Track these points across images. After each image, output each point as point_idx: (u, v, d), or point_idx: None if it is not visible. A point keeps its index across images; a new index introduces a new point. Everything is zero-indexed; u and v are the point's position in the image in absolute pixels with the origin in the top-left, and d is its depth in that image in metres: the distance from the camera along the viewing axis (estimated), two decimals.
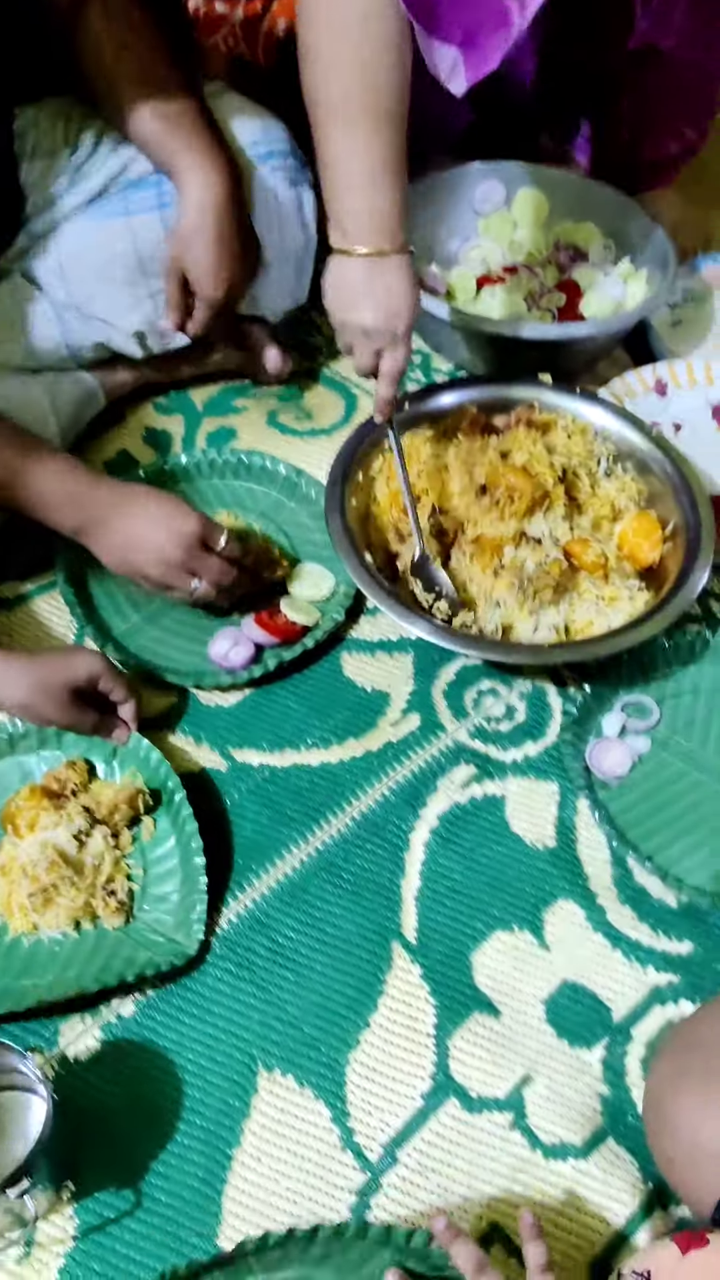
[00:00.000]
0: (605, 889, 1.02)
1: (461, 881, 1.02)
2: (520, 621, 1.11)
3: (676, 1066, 0.83)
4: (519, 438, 1.19)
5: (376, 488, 1.20)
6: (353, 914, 1.00)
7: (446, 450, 1.19)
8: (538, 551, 1.11)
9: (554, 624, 1.11)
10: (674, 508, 1.18)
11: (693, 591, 1.10)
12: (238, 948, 0.98)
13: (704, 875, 1.02)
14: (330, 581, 1.20)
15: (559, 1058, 0.93)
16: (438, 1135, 0.90)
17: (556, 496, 1.14)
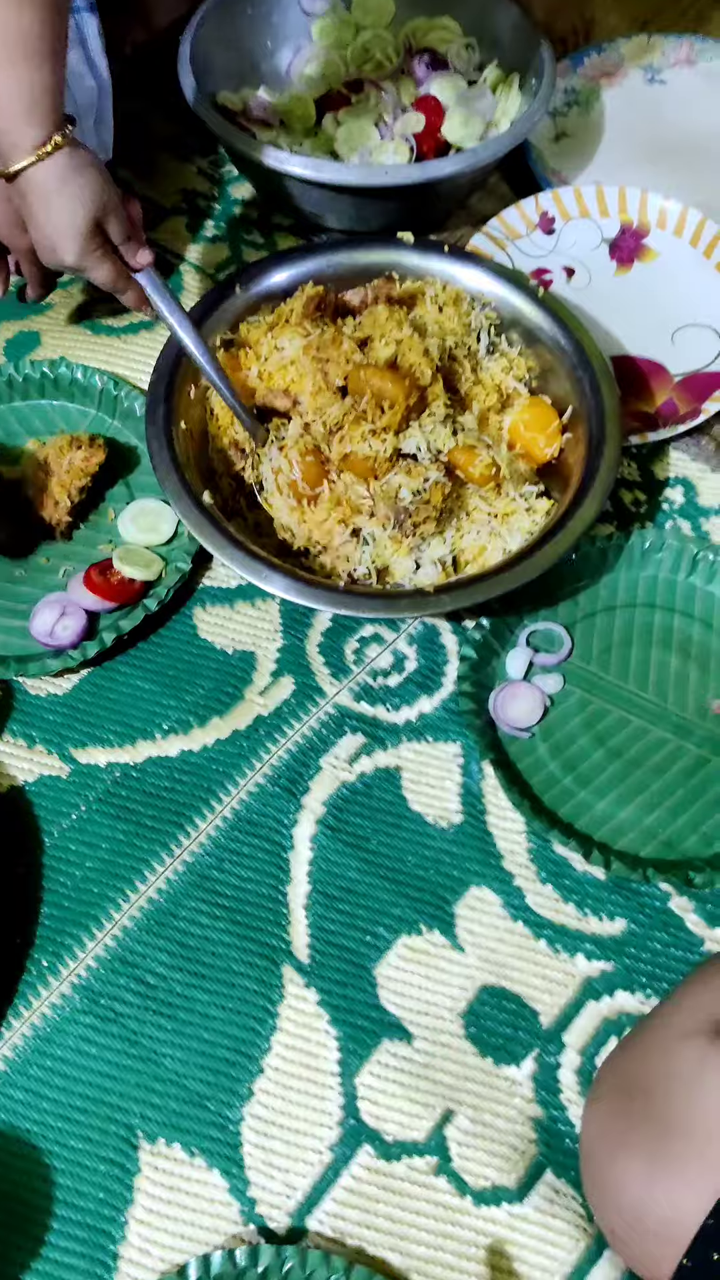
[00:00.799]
0: (522, 867, 0.88)
1: (357, 880, 0.87)
2: (398, 560, 0.92)
3: (615, 1121, 0.70)
4: (379, 320, 0.96)
5: (212, 399, 0.98)
6: (233, 937, 0.85)
7: (291, 342, 0.97)
8: (415, 473, 0.91)
9: (439, 557, 0.92)
10: (570, 386, 0.98)
11: (600, 496, 0.92)
12: (101, 996, 0.83)
13: (635, 835, 0.88)
14: (170, 521, 1.00)
15: (483, 1082, 0.81)
16: (352, 1193, 0.78)
17: (435, 394, 0.93)
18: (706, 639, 0.96)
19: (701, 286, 1.11)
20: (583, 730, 0.93)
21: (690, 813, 0.89)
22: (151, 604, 0.95)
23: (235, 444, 0.97)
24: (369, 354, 0.94)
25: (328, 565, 0.93)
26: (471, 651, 0.94)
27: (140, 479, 1.04)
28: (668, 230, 1.13)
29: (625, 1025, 0.82)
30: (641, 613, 0.98)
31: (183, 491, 0.91)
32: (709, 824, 0.89)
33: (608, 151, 1.23)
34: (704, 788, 0.90)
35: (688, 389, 1.06)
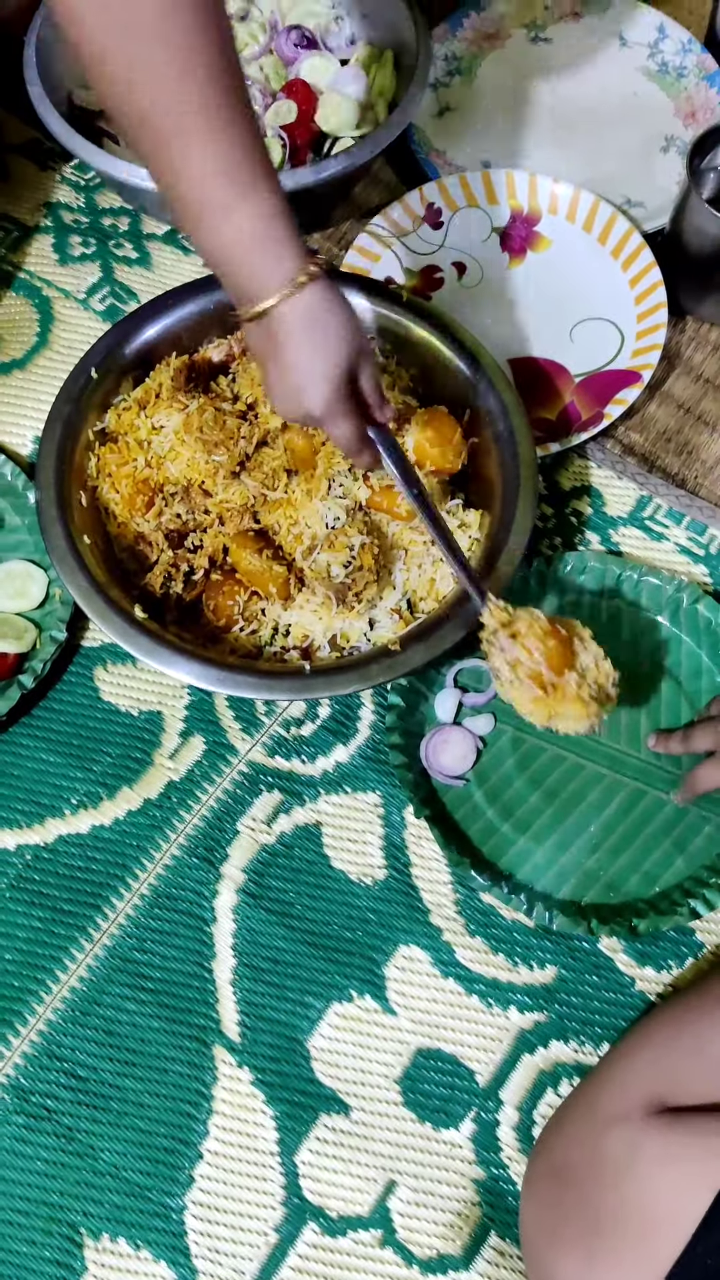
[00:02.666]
0: (450, 920, 0.86)
1: (283, 949, 0.85)
2: (350, 623, 0.86)
3: (550, 1211, 0.70)
4: (256, 379, 0.89)
5: (108, 465, 0.90)
6: (161, 1020, 0.82)
7: (169, 419, 0.90)
8: (338, 546, 0.85)
9: (393, 606, 0.87)
10: (458, 385, 0.92)
11: (529, 500, 0.86)
12: (32, 1094, 0.80)
13: (576, 880, 0.86)
14: (40, 583, 0.93)
15: (423, 1149, 0.80)
16: (299, 1272, 0.77)
17: (330, 452, 0.87)
18: (634, 663, 0.93)
19: (597, 275, 1.05)
20: (517, 772, 0.90)
21: (630, 852, 0.87)
22: (28, 680, 0.89)
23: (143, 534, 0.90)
24: (258, 424, 0.88)
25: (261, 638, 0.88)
26: (399, 699, 0.90)
27: (6, 539, 0.96)
28: (560, 215, 1.06)
29: (561, 1076, 0.82)
30: None
31: (89, 586, 0.84)
32: (649, 862, 0.87)
33: (494, 124, 1.15)
34: (642, 824, 0.88)
35: (589, 390, 1.01)
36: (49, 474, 0.87)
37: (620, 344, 1.02)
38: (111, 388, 0.92)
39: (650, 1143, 0.67)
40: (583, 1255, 0.66)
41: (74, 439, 0.89)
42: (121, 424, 0.91)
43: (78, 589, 0.83)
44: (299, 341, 0.73)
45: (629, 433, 1.02)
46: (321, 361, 0.74)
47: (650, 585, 0.94)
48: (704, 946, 0.85)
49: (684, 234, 1.02)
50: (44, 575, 0.94)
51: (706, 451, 1.01)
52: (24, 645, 0.90)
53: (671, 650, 0.94)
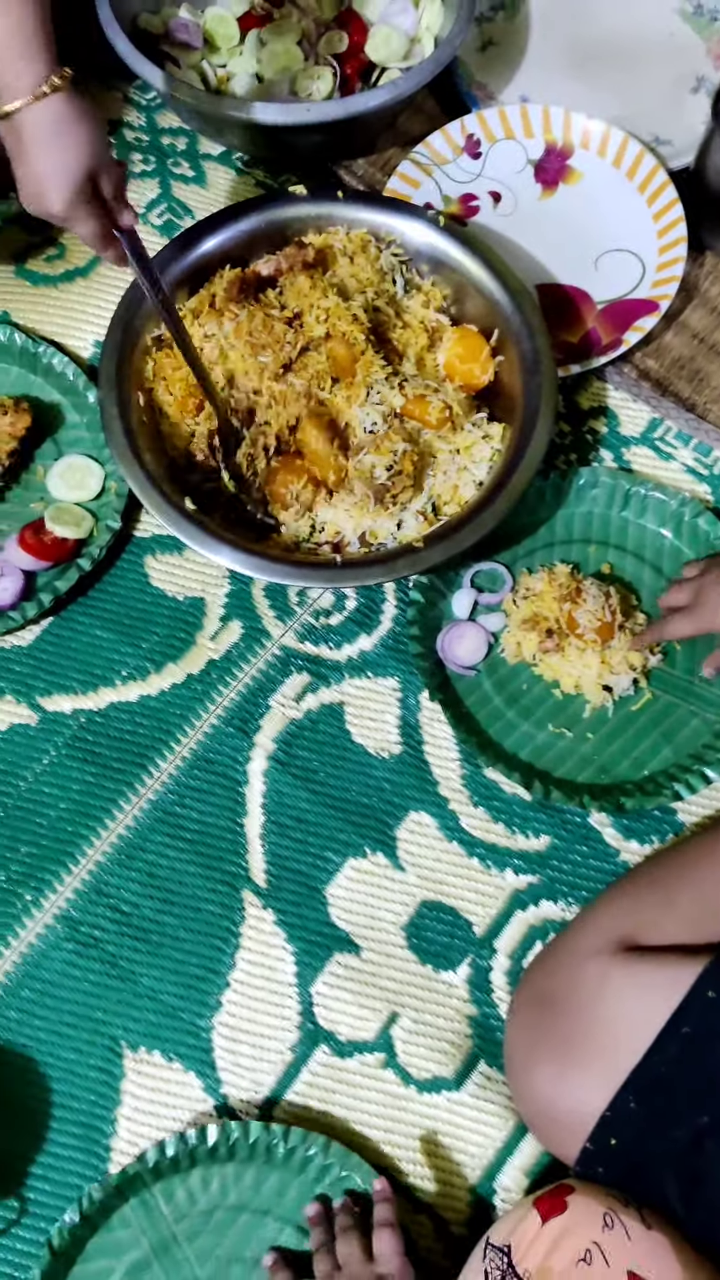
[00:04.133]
0: (456, 792, 0.95)
1: (307, 810, 0.94)
2: (381, 521, 0.94)
3: (530, 1029, 0.79)
4: (301, 290, 0.96)
5: (163, 369, 0.98)
6: (197, 866, 0.92)
7: (220, 328, 0.97)
8: (383, 449, 0.92)
9: (420, 509, 0.95)
10: (488, 308, 0.99)
11: (549, 417, 0.93)
12: (81, 925, 0.90)
13: (573, 762, 0.94)
14: (98, 476, 1.01)
15: (424, 986, 0.89)
16: (311, 1086, 0.87)
17: (369, 362, 0.95)
18: (639, 571, 1.00)
19: (624, 210, 1.10)
20: (523, 665, 0.98)
21: (622, 739, 0.95)
22: (85, 563, 0.97)
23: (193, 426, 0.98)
24: (303, 332, 0.95)
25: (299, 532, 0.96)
26: (419, 595, 0.97)
27: (67, 435, 1.04)
28: (591, 150, 1.12)
29: (549, 931, 0.91)
30: (578, 549, 1.01)
31: (136, 465, 0.92)
32: (639, 750, 0.95)
33: (535, 60, 1.19)
34: (635, 716, 0.96)
35: (610, 317, 1.07)
36: (110, 375, 0.94)
37: (641, 274, 1.08)
38: (169, 297, 0.99)
39: (619, 971, 0.76)
40: (556, 1065, 0.76)
41: (133, 344, 0.96)
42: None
43: (135, 481, 0.91)
44: (41, 146, 0.80)
45: (645, 359, 1.08)
46: (62, 166, 0.81)
47: (656, 500, 1.00)
48: (684, 825, 0.93)
49: (708, 172, 1.07)
50: (100, 469, 1.02)
51: (718, 379, 1.07)
52: (82, 532, 0.98)
53: (672, 560, 1.01)
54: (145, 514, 1.02)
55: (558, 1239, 0.69)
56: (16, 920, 0.90)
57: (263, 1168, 0.83)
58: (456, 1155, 0.85)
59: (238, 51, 1.14)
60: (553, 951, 0.83)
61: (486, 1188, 0.84)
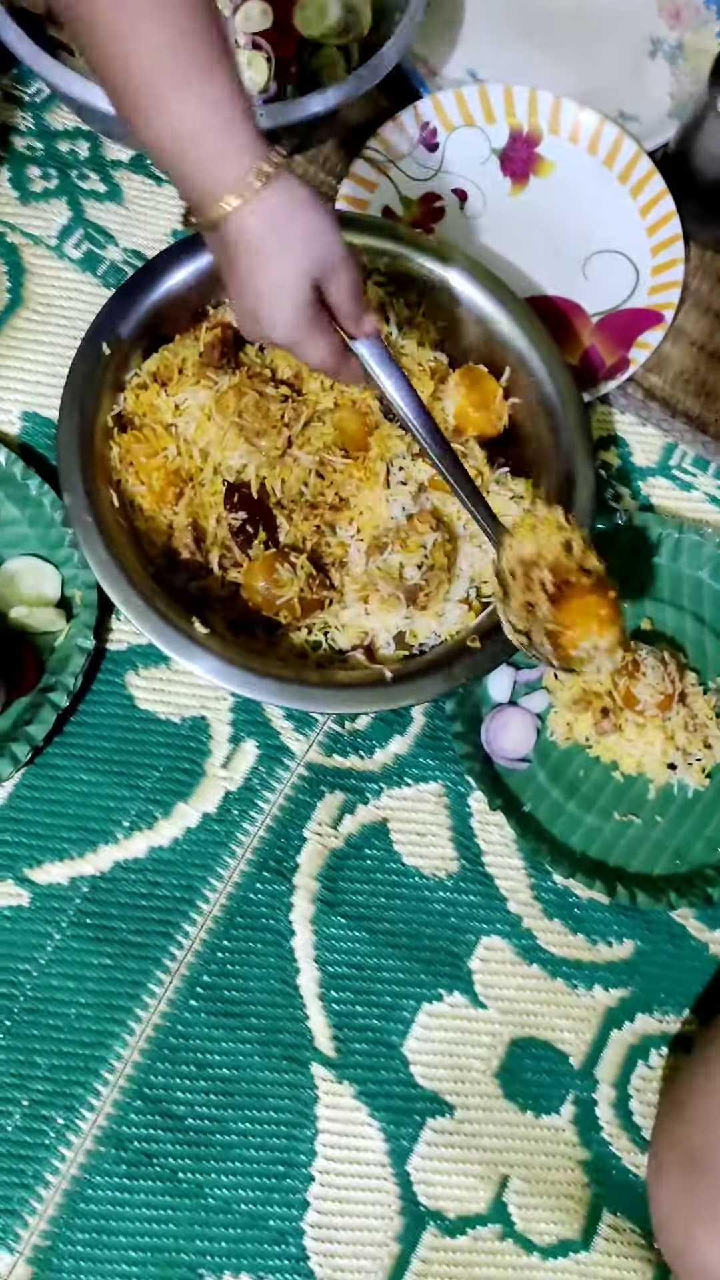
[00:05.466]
0: (527, 905, 0.83)
1: (367, 954, 0.80)
2: (420, 620, 0.80)
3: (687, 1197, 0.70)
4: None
5: (133, 455, 0.78)
6: (253, 1044, 0.77)
7: (195, 395, 0.78)
8: (411, 545, 0.77)
9: (463, 597, 0.81)
10: (485, 333, 0.85)
11: (588, 477, 0.81)
12: (129, 1142, 0.75)
13: (646, 852, 0.84)
14: (53, 580, 0.82)
15: (529, 1137, 0.79)
16: (422, 1276, 0.76)
17: (385, 434, 0.79)
18: (680, 623, 0.90)
19: (607, 204, 0.96)
20: (576, 747, 0.86)
21: (692, 818, 0.86)
22: (60, 698, 0.78)
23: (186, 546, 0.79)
24: (304, 403, 0.78)
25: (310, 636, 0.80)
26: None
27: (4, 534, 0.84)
28: (562, 136, 0.97)
29: (649, 1048, 0.81)
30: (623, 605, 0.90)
31: (119, 574, 0.74)
32: (710, 827, 0.85)
33: (476, 28, 1.02)
34: (701, 792, 0.86)
35: (608, 331, 0.94)
36: (72, 471, 0.75)
37: (636, 279, 0.95)
38: (121, 362, 0.80)
39: None
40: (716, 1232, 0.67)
41: (92, 427, 0.77)
42: (140, 405, 0.79)
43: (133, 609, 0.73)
44: (255, 255, 0.63)
45: (648, 375, 0.95)
46: (280, 279, 0.64)
47: (691, 542, 0.90)
48: None
49: (694, 156, 0.95)
50: (55, 571, 0.82)
51: None
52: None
53: (714, 606, 0.91)
54: (119, 621, 0.84)
55: None
56: (51, 1152, 0.74)
57: None
58: None
59: None
60: (691, 1098, 0.74)
61: None
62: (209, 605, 0.80)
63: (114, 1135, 0.75)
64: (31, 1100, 0.75)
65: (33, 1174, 0.73)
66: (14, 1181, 0.73)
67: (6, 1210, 0.72)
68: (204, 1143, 0.76)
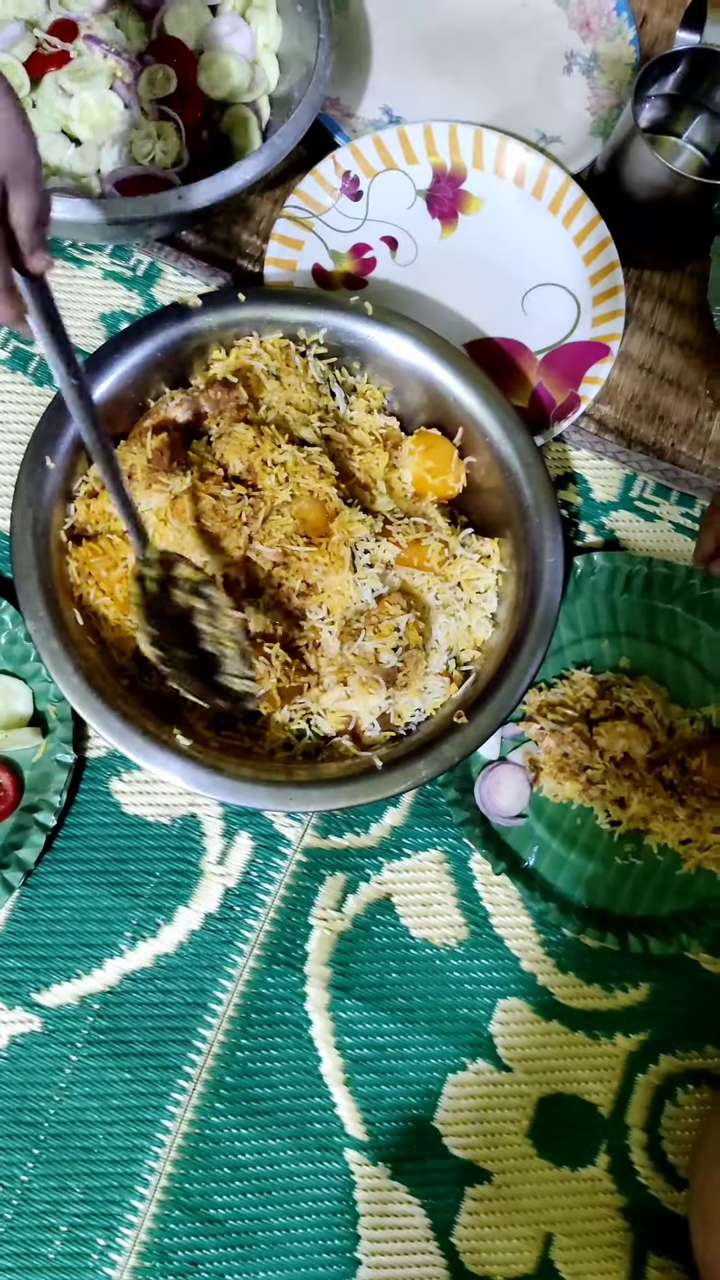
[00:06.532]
0: (539, 962, 0.87)
1: (386, 1033, 0.84)
2: (404, 698, 0.82)
3: None
4: (246, 444, 0.80)
5: (92, 569, 0.80)
6: (284, 1140, 0.81)
7: (149, 499, 0.80)
8: (384, 630, 0.79)
9: (442, 669, 0.83)
10: (430, 393, 0.87)
11: (553, 527, 0.83)
12: (173, 1253, 0.78)
13: (649, 894, 0.88)
14: (24, 697, 0.84)
15: (568, 1192, 0.83)
16: None
17: (347, 520, 0.81)
18: (658, 657, 0.93)
19: (538, 235, 0.98)
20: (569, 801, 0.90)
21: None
22: (47, 818, 0.81)
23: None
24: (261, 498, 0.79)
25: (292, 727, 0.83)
26: None
27: None
28: (487, 170, 0.98)
29: (675, 1088, 0.85)
30: (589, 646, 0.93)
31: (79, 681, 0.76)
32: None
33: (384, 63, 1.03)
34: None
35: (555, 368, 0.96)
36: (35, 599, 0.77)
37: (577, 311, 0.97)
38: (69, 470, 0.81)
39: None
40: None
41: (48, 546, 0.78)
42: (92, 514, 0.81)
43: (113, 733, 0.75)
44: None
45: (599, 405, 0.98)
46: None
47: (660, 576, 0.93)
48: None
49: (622, 179, 0.97)
50: (24, 686, 0.84)
51: (676, 414, 0.99)
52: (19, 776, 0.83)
53: (688, 636, 0.94)
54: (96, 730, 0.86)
55: None
56: (96, 1274, 0.77)
57: None
58: None
59: (29, 102, 0.93)
60: None
61: None
62: (187, 706, 0.82)
63: (157, 1249, 0.78)
64: (70, 1225, 0.78)
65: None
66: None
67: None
68: (247, 1243, 0.79)
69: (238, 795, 0.76)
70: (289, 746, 0.82)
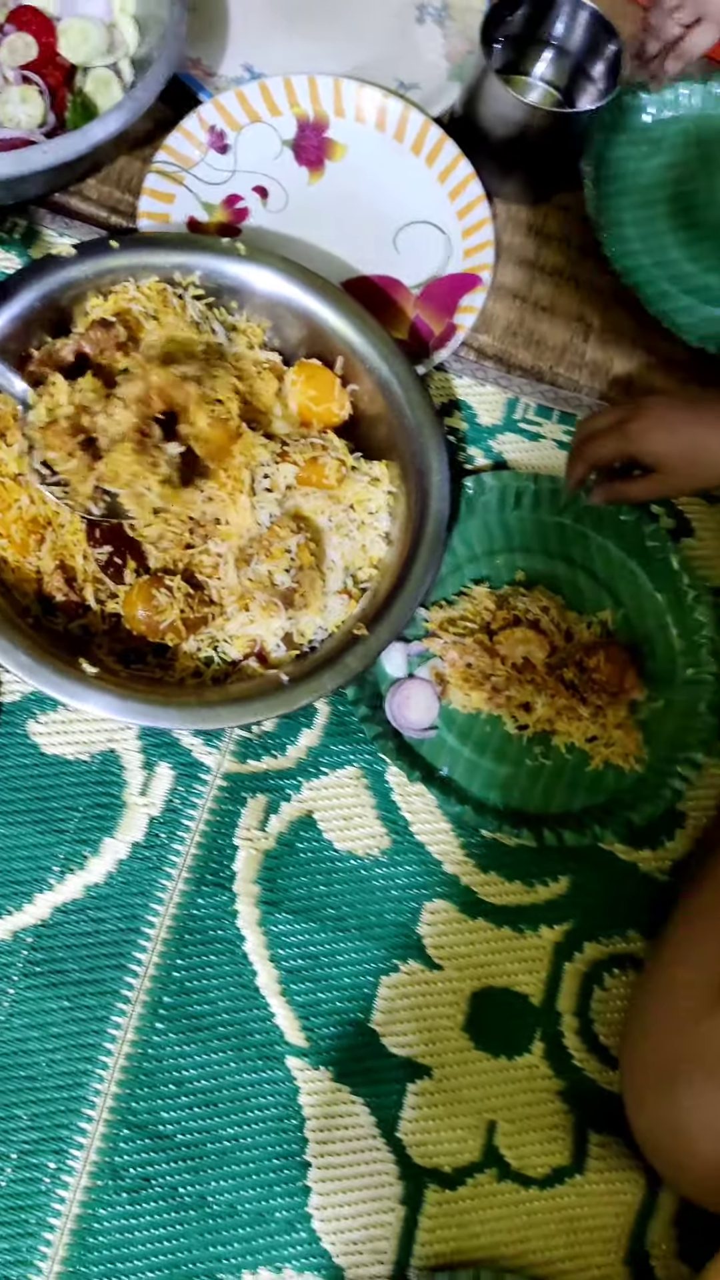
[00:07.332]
0: (460, 864, 0.92)
1: (318, 943, 0.89)
2: (305, 617, 0.88)
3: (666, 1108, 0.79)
4: (142, 367, 0.85)
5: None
6: (225, 1053, 0.85)
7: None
8: (276, 553, 0.85)
9: (340, 588, 0.89)
10: (309, 325, 0.93)
11: (437, 449, 0.89)
12: (124, 1171, 0.82)
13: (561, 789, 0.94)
14: None
15: (507, 1080, 0.88)
16: (432, 1233, 0.85)
17: (249, 442, 0.86)
18: (552, 568, 0.99)
19: (406, 177, 1.05)
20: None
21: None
22: None
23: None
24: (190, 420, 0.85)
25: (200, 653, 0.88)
26: None
27: None
28: (348, 117, 1.05)
29: (603, 972, 0.91)
30: (485, 563, 0.99)
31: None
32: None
33: (242, 22, 1.10)
34: None
35: (430, 301, 1.03)
36: None
37: (449, 246, 1.04)
38: None
39: None
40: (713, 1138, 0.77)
41: None
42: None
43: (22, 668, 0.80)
44: None
45: (477, 335, 1.05)
46: None
47: (547, 490, 0.99)
48: (685, 815, 0.96)
49: (481, 118, 1.04)
50: None
51: (552, 338, 1.06)
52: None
53: (579, 546, 1.00)
54: (8, 674, 0.90)
55: None
56: (50, 1197, 0.81)
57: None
58: (602, 1233, 0.86)
59: None
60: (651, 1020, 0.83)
61: (639, 1252, 0.86)
62: (95, 642, 0.87)
63: (109, 1168, 0.82)
64: (20, 1152, 0.81)
65: (36, 1221, 0.80)
66: (19, 1233, 0.80)
67: (18, 1262, 0.79)
68: (197, 1155, 0.83)
69: (152, 718, 0.81)
70: (198, 674, 0.87)
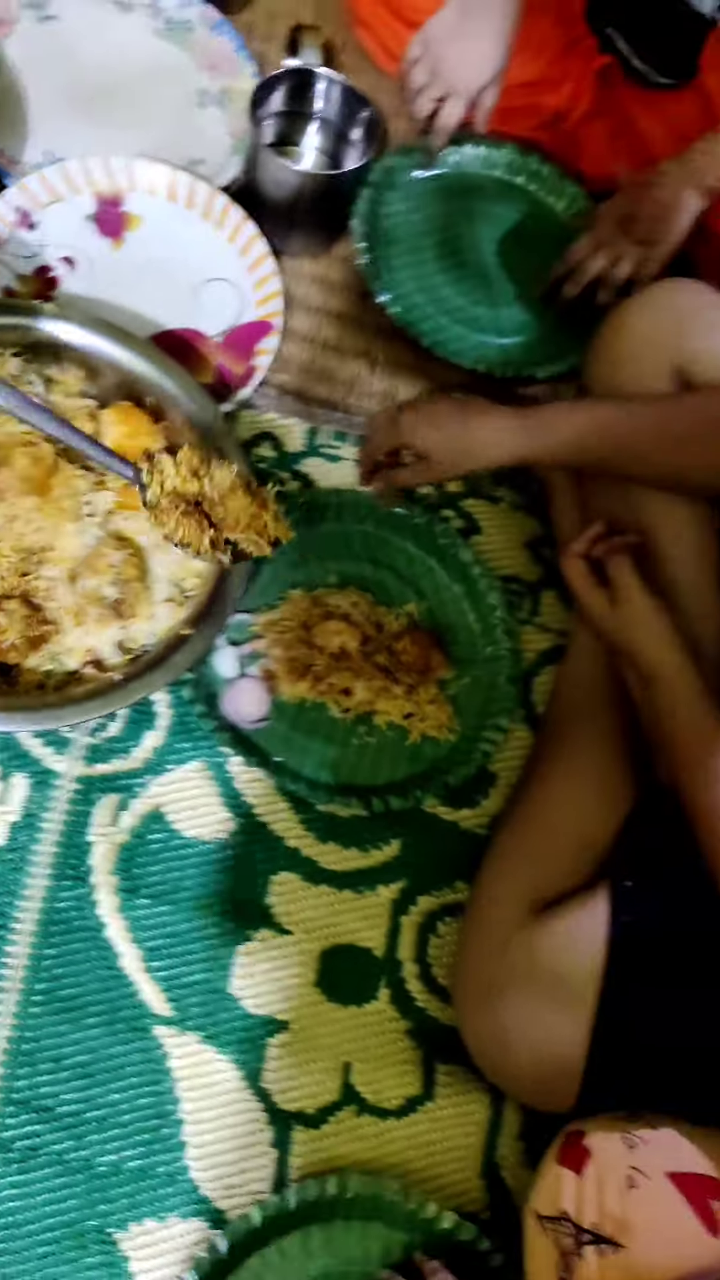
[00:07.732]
0: (300, 838, 1.04)
1: (176, 921, 0.99)
2: (134, 626, 0.99)
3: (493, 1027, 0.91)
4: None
5: None
6: (98, 1029, 0.95)
7: None
8: (101, 568, 0.97)
9: (169, 596, 1.00)
10: (119, 373, 1.05)
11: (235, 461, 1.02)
12: (12, 1144, 0.90)
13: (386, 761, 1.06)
14: None
15: (358, 1025, 0.99)
16: (302, 1169, 0.95)
17: (68, 475, 0.99)
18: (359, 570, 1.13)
19: (197, 240, 1.20)
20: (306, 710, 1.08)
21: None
22: None
23: None
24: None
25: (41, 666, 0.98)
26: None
27: None
28: (140, 191, 1.20)
29: (436, 921, 1.04)
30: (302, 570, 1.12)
31: None
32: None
33: (41, 111, 1.24)
34: None
35: (231, 349, 1.17)
36: None
37: (241, 298, 1.18)
38: None
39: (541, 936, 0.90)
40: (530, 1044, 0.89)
41: None
42: None
43: None
44: None
45: (277, 375, 1.19)
46: None
47: (349, 502, 1.14)
48: (497, 776, 1.09)
49: (261, 184, 1.19)
50: None
51: (342, 372, 1.21)
52: None
53: (381, 549, 1.15)
54: None
55: (601, 1182, 0.81)
56: None
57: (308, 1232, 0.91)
58: (456, 1153, 0.97)
59: None
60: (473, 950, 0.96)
61: (490, 1166, 0.96)
62: None
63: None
64: None
65: None
66: None
67: None
68: (80, 1123, 0.92)
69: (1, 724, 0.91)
70: (42, 686, 0.98)
